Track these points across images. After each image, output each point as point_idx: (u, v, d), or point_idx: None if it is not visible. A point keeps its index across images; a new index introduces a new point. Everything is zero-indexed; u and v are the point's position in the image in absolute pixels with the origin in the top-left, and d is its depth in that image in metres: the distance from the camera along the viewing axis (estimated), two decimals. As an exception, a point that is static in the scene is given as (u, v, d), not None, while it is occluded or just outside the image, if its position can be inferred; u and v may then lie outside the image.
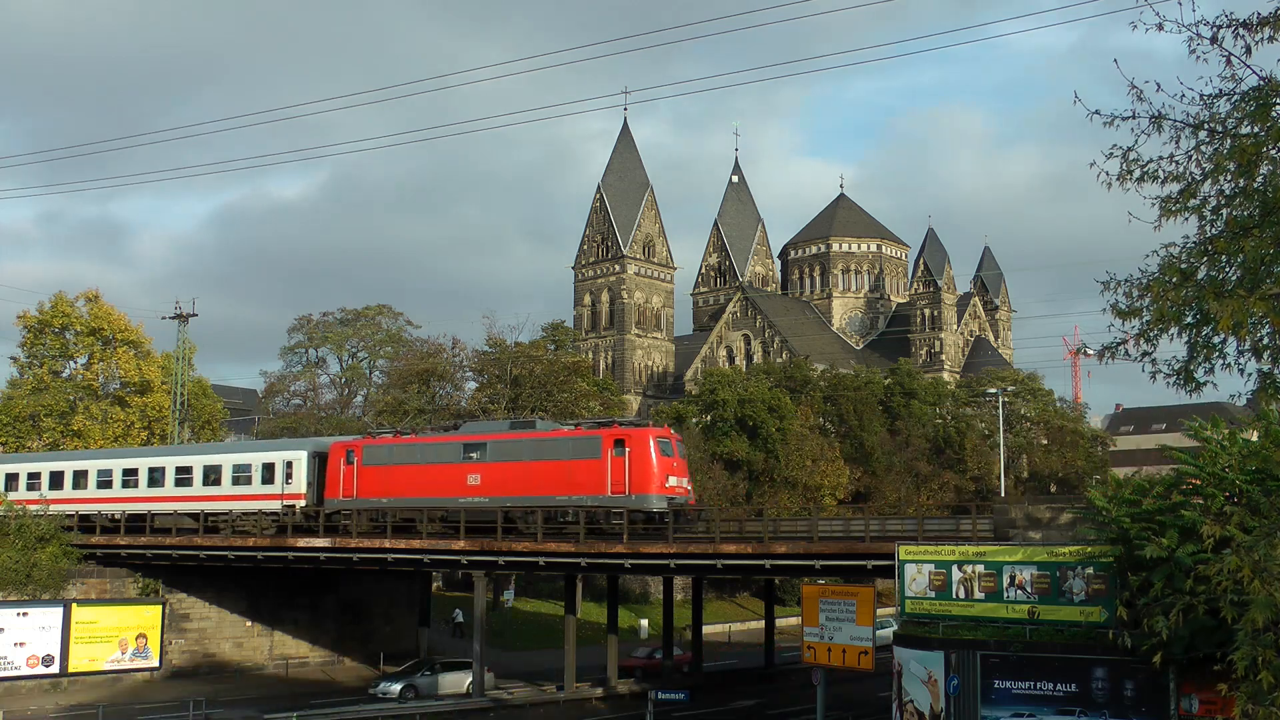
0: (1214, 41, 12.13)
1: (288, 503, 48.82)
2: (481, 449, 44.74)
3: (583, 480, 41.83)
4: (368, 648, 59.09)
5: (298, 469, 49.15)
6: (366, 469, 47.05)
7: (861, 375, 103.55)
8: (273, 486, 49.64)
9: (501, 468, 43.90)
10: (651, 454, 41.06)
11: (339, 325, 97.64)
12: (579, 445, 42.78)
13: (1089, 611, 27.22)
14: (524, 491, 43.17)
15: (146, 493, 53.39)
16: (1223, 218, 12.82)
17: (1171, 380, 13.47)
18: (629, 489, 40.79)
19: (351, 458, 47.48)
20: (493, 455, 44.26)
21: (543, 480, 42.85)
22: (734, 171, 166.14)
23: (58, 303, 74.68)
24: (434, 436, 47.88)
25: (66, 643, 50.11)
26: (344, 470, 47.51)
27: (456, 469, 44.81)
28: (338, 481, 47.62)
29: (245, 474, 50.65)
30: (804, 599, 37.91)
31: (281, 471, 49.51)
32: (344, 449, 48.22)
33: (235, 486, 50.81)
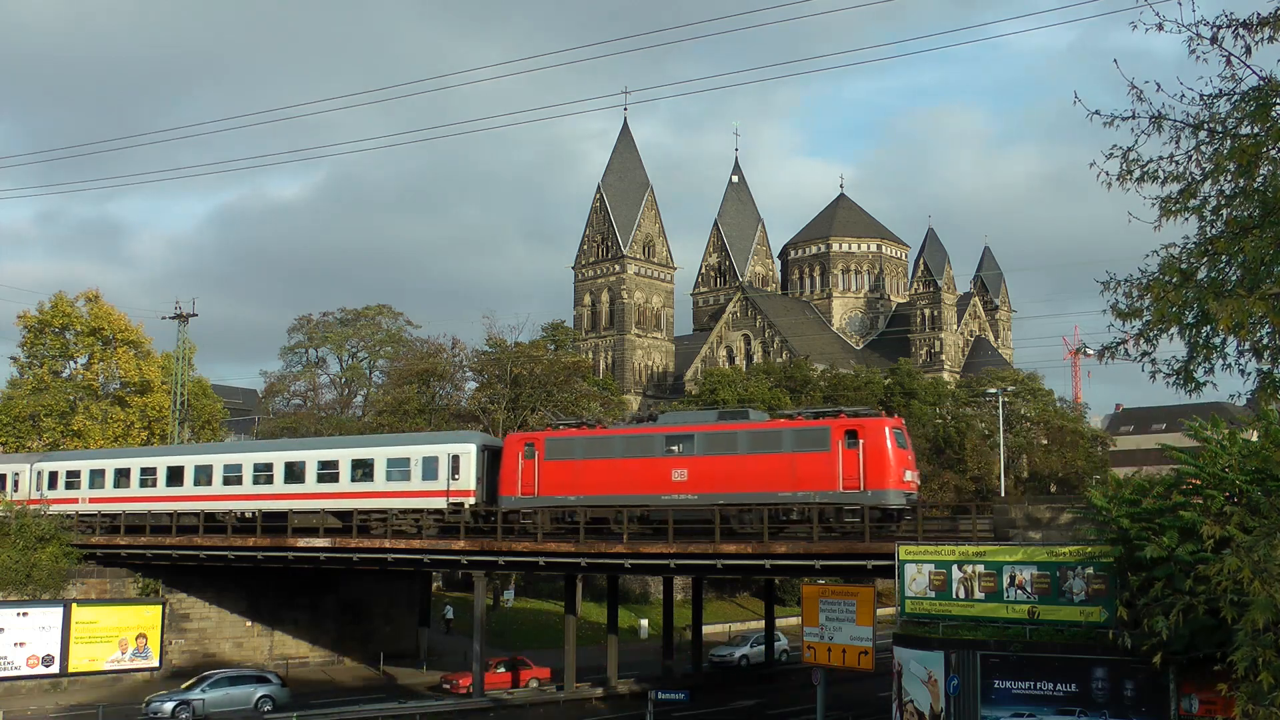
0: (1214, 41, 12.14)
1: (455, 500, 44.91)
2: (688, 441, 40.98)
3: (809, 475, 38.37)
4: (368, 648, 59.10)
5: (466, 463, 45.13)
6: (550, 464, 42.97)
7: (861, 375, 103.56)
8: (436, 482, 45.65)
9: (712, 461, 40.23)
10: (888, 445, 37.83)
11: (339, 325, 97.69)
12: (804, 437, 39.22)
13: (1089, 611, 27.22)
14: (738, 488, 39.63)
15: (284, 489, 49.73)
16: (1223, 218, 12.83)
17: (1171, 380, 13.47)
18: (864, 484, 37.50)
19: (531, 451, 43.38)
20: (701, 448, 40.59)
21: (761, 475, 39.24)
22: (734, 171, 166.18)
23: (58, 303, 74.69)
24: (630, 428, 44.48)
25: (66, 643, 50.12)
26: (522, 465, 43.34)
27: (659, 463, 41.01)
28: (515, 478, 43.40)
29: (403, 469, 46.68)
30: (804, 599, 37.93)
31: (447, 466, 45.37)
32: (522, 442, 44.18)
33: (391, 483, 46.86)
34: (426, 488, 45.77)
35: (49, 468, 56.75)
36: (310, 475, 49.22)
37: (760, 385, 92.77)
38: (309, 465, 49.49)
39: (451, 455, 45.58)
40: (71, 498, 54.89)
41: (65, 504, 54.83)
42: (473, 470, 44.99)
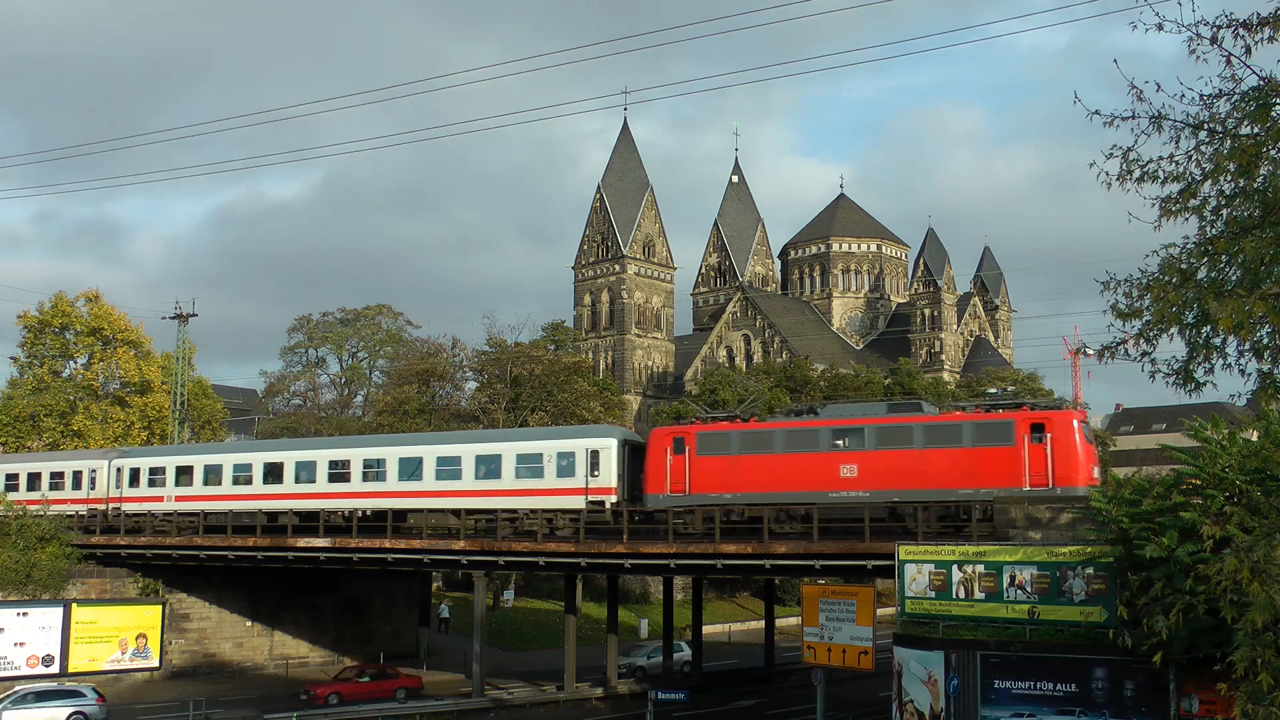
0: (1214, 42, 12.14)
1: (594, 498, 42.13)
2: (857, 435, 38.66)
3: (991, 471, 36.16)
4: (368, 648, 59.11)
5: (606, 459, 42.33)
6: (702, 459, 40.44)
7: (861, 375, 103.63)
8: (573, 480, 42.84)
9: (883, 456, 38.03)
10: (1076, 440, 35.71)
11: (339, 325, 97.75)
12: (986, 430, 36.85)
13: (1089, 611, 27.22)
14: (913, 484, 37.39)
15: (398, 487, 46.75)
16: (1223, 218, 12.83)
17: (1171, 380, 13.48)
18: (1052, 480, 35.27)
19: (681, 446, 40.64)
20: (872, 442, 38.31)
21: (938, 471, 37.09)
22: (734, 171, 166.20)
23: (58, 303, 74.73)
24: (791, 421, 41.54)
25: (66, 643, 50.12)
26: (671, 461, 40.71)
27: (824, 458, 38.67)
28: (662, 474, 40.69)
29: (534, 465, 43.74)
30: (804, 599, 37.93)
31: (584, 462, 42.55)
32: (669, 436, 41.36)
33: (521, 480, 43.98)
34: (562, 485, 43.04)
35: (130, 464, 53.99)
36: (429, 472, 46.15)
37: (760, 385, 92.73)
38: (426, 461, 46.48)
39: (590, 450, 42.86)
40: (156, 495, 52.50)
41: (148, 502, 52.61)
42: (614, 466, 42.28)
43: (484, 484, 44.80)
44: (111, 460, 54.66)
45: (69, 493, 54.98)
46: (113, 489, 53.70)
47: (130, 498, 53.17)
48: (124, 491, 53.32)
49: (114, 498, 53.45)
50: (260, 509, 49.72)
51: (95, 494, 54.14)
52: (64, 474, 55.91)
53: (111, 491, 53.64)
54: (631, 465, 42.68)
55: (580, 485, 42.64)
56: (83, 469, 55.31)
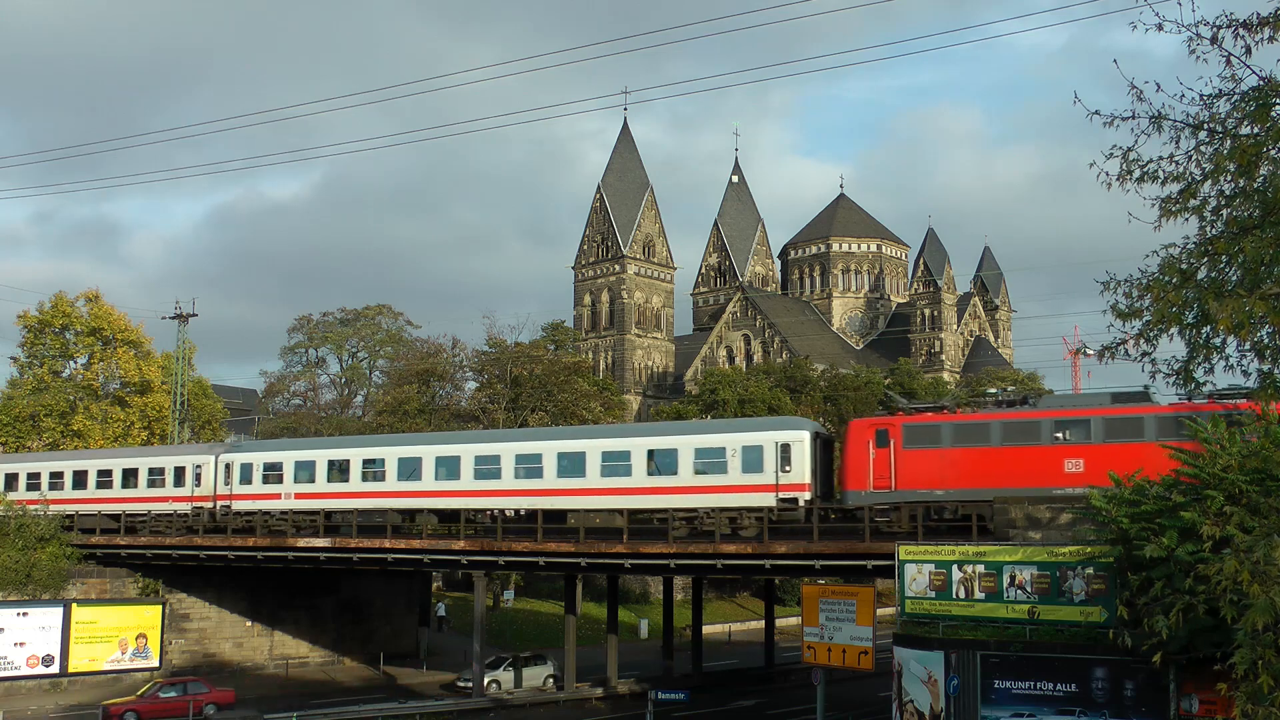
0: (1214, 42, 12.14)
1: (786, 495, 39.11)
2: (1082, 426, 36.14)
3: None
4: (368, 648, 59.13)
5: (799, 453, 39.26)
6: (910, 453, 37.77)
7: (861, 375, 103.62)
8: (761, 475, 39.69)
9: (1112, 450, 34.85)
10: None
11: (339, 325, 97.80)
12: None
13: (1089, 611, 27.23)
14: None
15: (557, 484, 43.56)
16: (1223, 218, 12.83)
17: (1171, 380, 13.48)
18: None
19: (885, 439, 37.82)
20: (1099, 434, 35.76)
21: (1173, 466, 34.59)
22: (734, 171, 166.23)
23: (58, 303, 74.73)
24: (1008, 413, 38.52)
25: (66, 643, 50.13)
26: (874, 454, 37.93)
27: (1046, 452, 36.16)
28: (863, 469, 37.90)
29: (716, 460, 40.58)
30: (804, 599, 37.94)
31: (774, 456, 39.50)
32: (871, 428, 38.49)
33: (701, 476, 40.71)
34: (749, 481, 39.91)
35: (241, 459, 50.69)
36: (592, 468, 42.95)
37: (760, 385, 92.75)
38: (590, 457, 43.17)
39: (780, 444, 39.72)
40: (271, 493, 49.45)
41: (263, 500, 49.63)
42: (806, 460, 39.39)
43: (657, 480, 41.84)
44: (219, 455, 51.51)
45: (170, 490, 52.02)
46: (221, 485, 50.56)
47: (242, 495, 49.98)
48: (234, 488, 50.10)
49: (222, 495, 50.32)
50: (394, 508, 46.35)
51: (201, 491, 51.11)
52: (164, 470, 52.72)
53: (220, 488, 50.49)
54: (823, 460, 40.60)
55: (770, 481, 39.62)
56: (186, 464, 52.04)
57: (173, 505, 51.49)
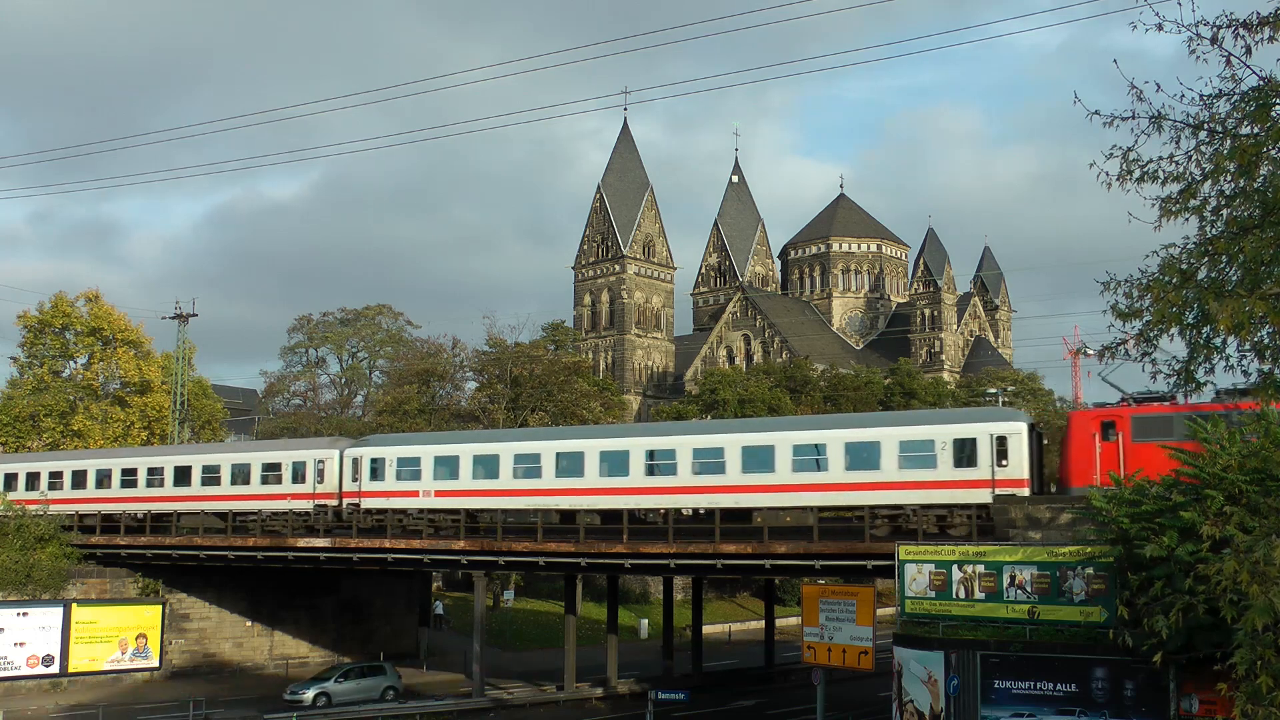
0: (1214, 42, 12.14)
1: (1003, 491, 35.61)
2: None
3: None
4: (368, 648, 59.12)
5: (1016, 446, 36.15)
6: (1139, 446, 34.64)
7: (861, 375, 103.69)
8: (974, 470, 36.34)
9: None
10: None
11: (339, 325, 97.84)
12: None
13: (1089, 611, 27.22)
14: None
15: (740, 480, 39.43)
16: (1223, 218, 12.83)
17: (1172, 380, 13.48)
18: None
19: (1112, 432, 34.67)
20: None
21: None
22: (734, 171, 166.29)
23: (58, 303, 74.76)
24: (1249, 403, 32.88)
25: (66, 643, 50.13)
26: (1101, 449, 34.78)
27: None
28: (1089, 463, 34.75)
29: (922, 454, 37.23)
30: (804, 599, 37.93)
31: (990, 449, 36.26)
32: (1096, 420, 35.26)
33: (906, 471, 37.29)
34: (961, 477, 36.73)
35: (371, 454, 46.76)
36: (783, 462, 38.99)
37: (760, 385, 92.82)
38: (779, 450, 39.19)
39: (995, 436, 36.56)
40: (407, 490, 45.45)
41: (398, 498, 45.58)
42: (1025, 455, 36.45)
43: (855, 475, 38.25)
44: (345, 449, 47.84)
45: (288, 487, 48.76)
46: (348, 482, 46.92)
47: (373, 492, 46.13)
48: (363, 485, 46.34)
49: (349, 492, 46.75)
50: (552, 507, 43.06)
51: (324, 488, 47.73)
52: (281, 466, 49.44)
53: (347, 485, 46.92)
54: (1037, 453, 37.96)
55: (985, 476, 36.50)
56: (306, 460, 48.58)
57: (290, 504, 48.38)
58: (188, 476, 51.89)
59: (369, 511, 46.26)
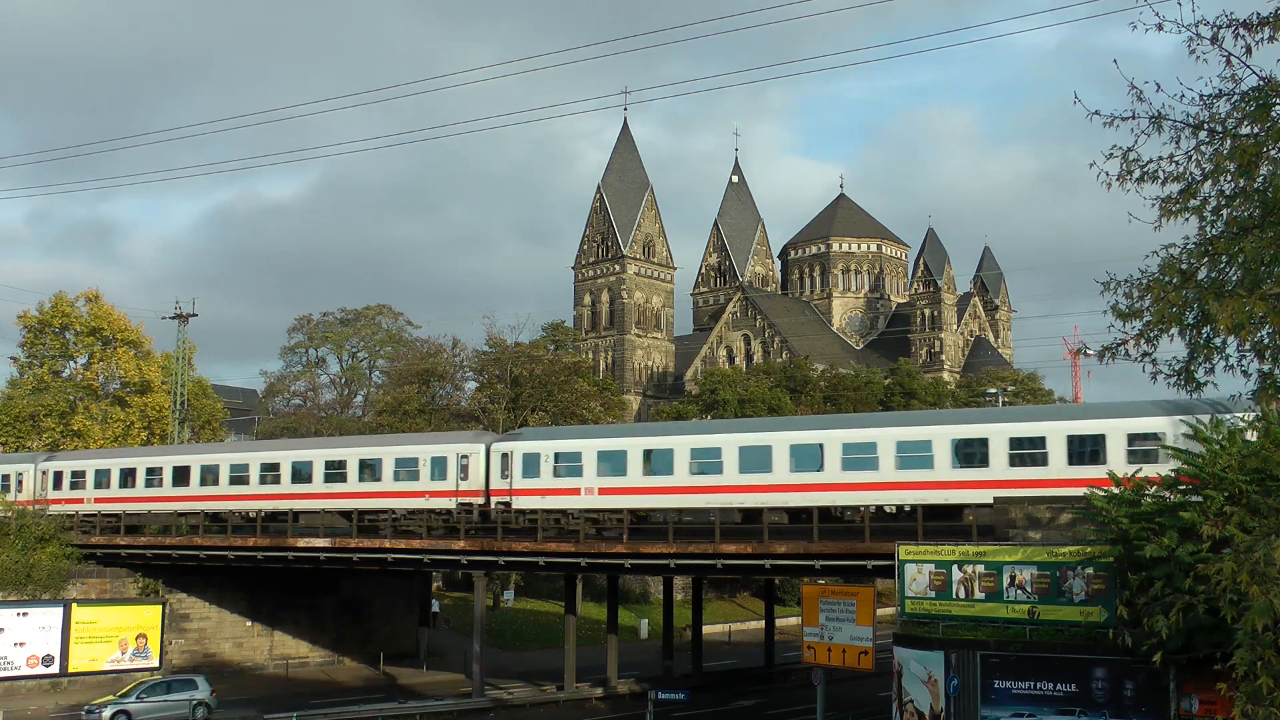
0: (1214, 42, 12.14)
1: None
2: None
3: None
4: (368, 648, 59.15)
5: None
6: None
7: (861, 375, 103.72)
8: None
9: None
10: None
11: (339, 325, 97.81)
12: None
13: (1089, 611, 27.20)
14: None
15: (950, 475, 36.16)
16: (1223, 218, 12.84)
17: (1172, 381, 13.48)
18: None
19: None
20: None
21: None
22: (734, 171, 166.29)
23: (58, 303, 74.77)
24: None
25: (66, 643, 50.14)
26: None
27: None
28: None
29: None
30: (804, 599, 37.92)
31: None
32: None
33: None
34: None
35: (523, 449, 43.39)
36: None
37: (760, 385, 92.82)
38: (994, 443, 36.02)
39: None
40: (566, 488, 42.23)
41: (557, 496, 42.31)
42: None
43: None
44: (492, 444, 44.58)
45: (426, 483, 45.20)
46: (496, 479, 43.47)
47: (525, 489, 42.69)
48: (513, 483, 42.93)
49: (499, 489, 43.35)
50: (735, 505, 39.52)
51: (468, 485, 44.34)
52: (418, 461, 45.76)
53: (495, 483, 43.42)
54: None
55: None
56: (448, 454, 45.03)
57: (430, 501, 44.92)
58: (308, 473, 48.57)
59: (521, 511, 42.88)
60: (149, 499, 52.88)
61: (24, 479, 56.11)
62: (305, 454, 49.93)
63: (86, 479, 54.95)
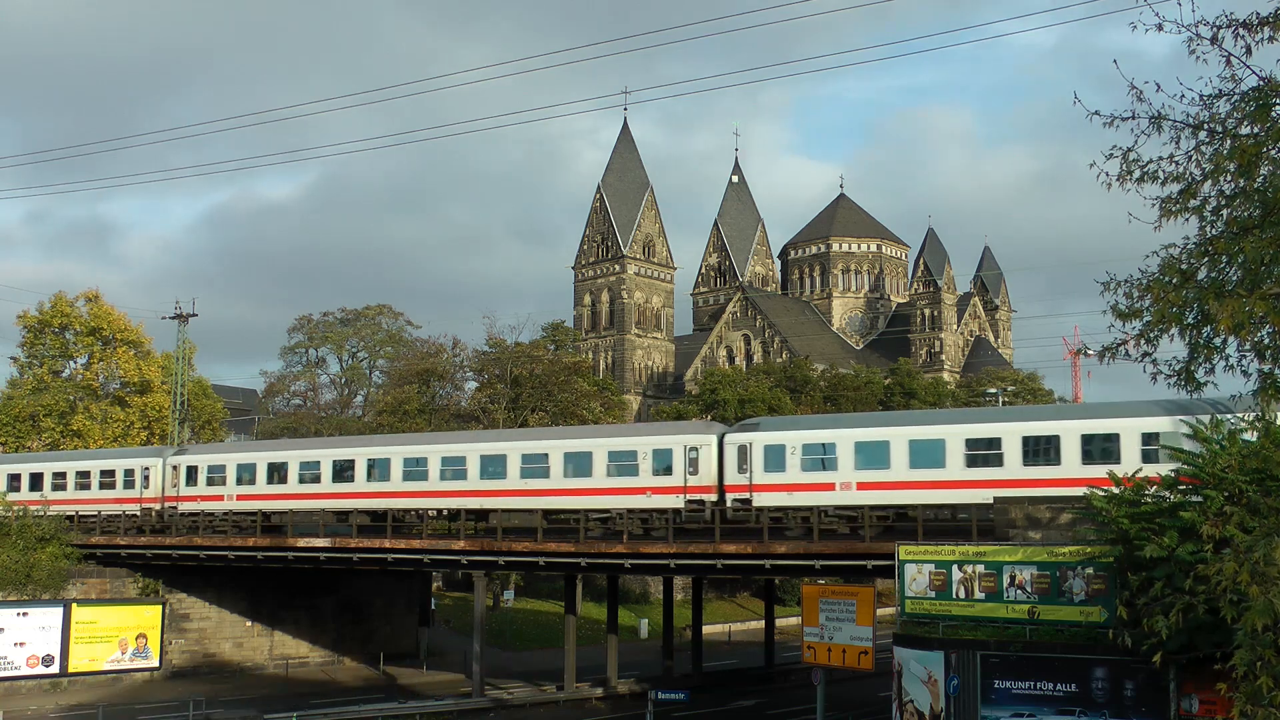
0: (1214, 42, 12.14)
1: None
2: None
3: None
4: (368, 648, 59.14)
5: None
6: None
7: (861, 375, 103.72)
8: None
9: None
10: None
11: (339, 325, 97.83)
12: None
13: (1089, 611, 27.21)
14: None
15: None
16: (1223, 218, 12.83)
17: (1172, 381, 13.47)
18: None
19: None
20: None
21: None
22: (734, 171, 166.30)
23: (57, 303, 74.78)
24: None
25: (66, 643, 50.12)
26: None
27: None
28: None
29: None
30: (804, 599, 37.91)
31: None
32: None
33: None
34: None
35: (764, 440, 39.58)
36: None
37: (760, 385, 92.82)
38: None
39: None
40: (819, 482, 38.40)
41: (808, 490, 38.48)
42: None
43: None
44: (725, 435, 40.83)
45: (649, 479, 41.24)
46: (732, 473, 39.61)
47: (769, 485, 38.94)
48: (754, 477, 39.07)
49: (736, 485, 39.61)
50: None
51: (698, 480, 40.68)
52: (637, 454, 41.93)
53: (731, 477, 39.74)
54: None
55: None
56: (674, 447, 40.94)
57: (652, 499, 41.26)
58: (500, 468, 43.86)
59: (762, 509, 38.93)
60: (303, 496, 48.40)
61: (150, 474, 53.02)
62: (497, 446, 45.19)
63: (227, 474, 50.81)
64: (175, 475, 52.04)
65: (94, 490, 54.79)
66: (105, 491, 54.33)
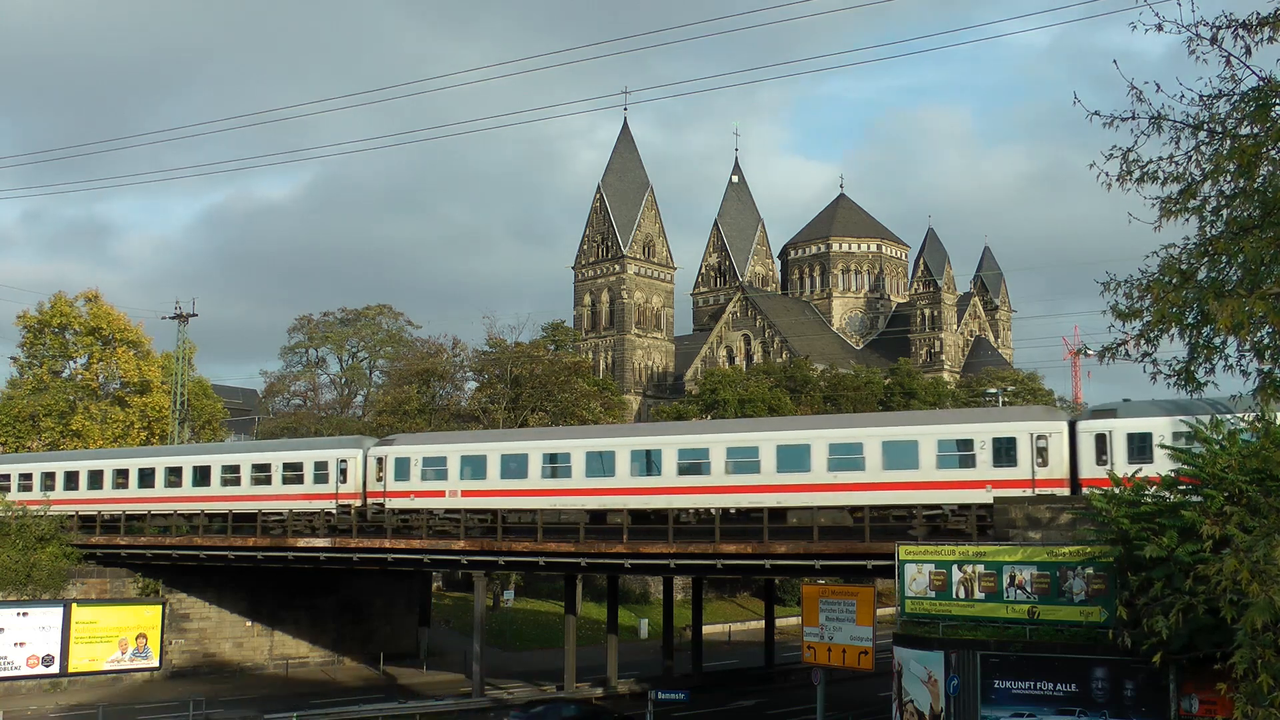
0: (1214, 42, 12.15)
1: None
2: None
3: None
4: (368, 648, 59.15)
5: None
6: None
7: (861, 375, 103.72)
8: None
9: None
10: None
11: (339, 325, 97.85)
12: None
13: (1089, 611, 27.21)
14: None
15: None
16: (1223, 218, 12.84)
17: (1172, 381, 13.48)
18: None
19: None
20: None
21: None
22: (734, 171, 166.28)
23: (57, 303, 74.77)
24: None
25: (66, 643, 50.13)
26: None
27: None
28: None
29: None
30: (804, 599, 37.92)
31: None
32: None
33: None
34: None
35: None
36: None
37: (760, 385, 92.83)
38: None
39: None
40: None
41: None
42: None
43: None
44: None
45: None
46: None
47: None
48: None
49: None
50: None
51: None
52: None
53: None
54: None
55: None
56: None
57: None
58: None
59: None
60: (548, 492, 42.71)
61: (347, 467, 47.62)
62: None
63: (449, 468, 45.29)
64: (380, 468, 46.67)
65: (275, 486, 49.62)
66: (291, 487, 49.08)
